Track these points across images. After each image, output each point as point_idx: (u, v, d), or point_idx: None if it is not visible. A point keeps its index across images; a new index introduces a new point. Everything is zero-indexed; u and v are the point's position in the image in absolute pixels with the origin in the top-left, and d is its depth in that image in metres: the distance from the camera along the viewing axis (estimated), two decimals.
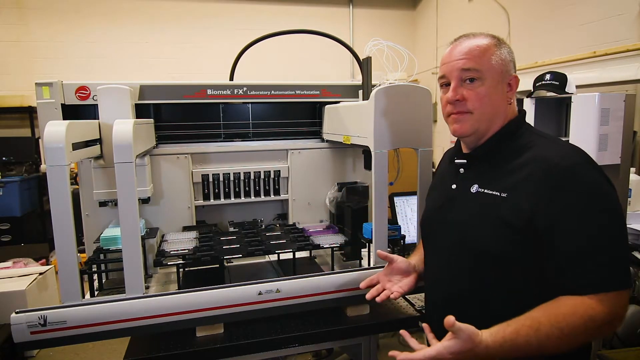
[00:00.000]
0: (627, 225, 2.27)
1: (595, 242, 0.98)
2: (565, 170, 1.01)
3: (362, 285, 1.38)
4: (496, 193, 1.09)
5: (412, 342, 1.03)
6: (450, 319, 0.95)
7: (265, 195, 2.12)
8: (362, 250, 1.82)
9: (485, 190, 1.12)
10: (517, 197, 1.04)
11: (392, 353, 1.00)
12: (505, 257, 1.07)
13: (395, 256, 1.37)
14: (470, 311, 1.10)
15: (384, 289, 1.33)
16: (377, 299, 1.29)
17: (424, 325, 1.15)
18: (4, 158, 4.94)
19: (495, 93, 1.12)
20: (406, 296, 1.66)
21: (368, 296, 1.32)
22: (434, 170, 1.50)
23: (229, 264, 1.77)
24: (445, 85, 1.18)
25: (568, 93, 1.78)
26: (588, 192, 1.00)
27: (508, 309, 1.00)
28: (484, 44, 1.12)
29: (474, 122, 1.14)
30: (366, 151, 1.99)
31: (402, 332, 1.10)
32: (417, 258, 1.42)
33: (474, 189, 1.15)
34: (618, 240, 1.00)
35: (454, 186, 1.22)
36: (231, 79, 2.32)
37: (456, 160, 1.23)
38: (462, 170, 1.22)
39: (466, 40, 1.15)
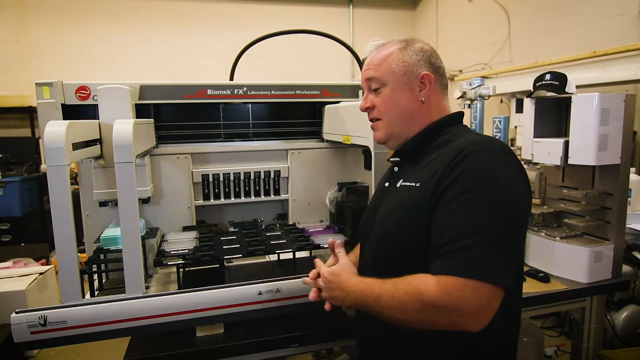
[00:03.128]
0: (627, 225, 2.28)
1: (460, 226, 0.95)
2: (467, 153, 1.00)
3: (311, 275, 1.27)
4: (412, 184, 1.11)
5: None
6: (338, 242, 1.26)
7: (265, 195, 2.12)
8: None
9: (406, 183, 1.14)
10: (426, 183, 1.06)
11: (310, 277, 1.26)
12: (416, 249, 1.05)
13: (342, 254, 1.28)
14: None
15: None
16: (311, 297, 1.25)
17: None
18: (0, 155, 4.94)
19: (402, 95, 1.15)
20: None
21: (312, 297, 1.25)
22: None
23: (229, 264, 1.77)
24: None
25: (568, 93, 1.78)
26: (478, 176, 0.97)
27: None
28: (385, 52, 1.17)
29: (385, 126, 1.19)
30: (366, 151, 1.99)
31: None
32: (353, 258, 1.35)
33: (399, 183, 1.17)
34: (489, 231, 0.93)
35: (386, 184, 1.25)
36: (231, 79, 2.32)
37: (389, 159, 1.28)
38: (396, 168, 1.25)
39: (374, 53, 1.20)
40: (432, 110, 1.18)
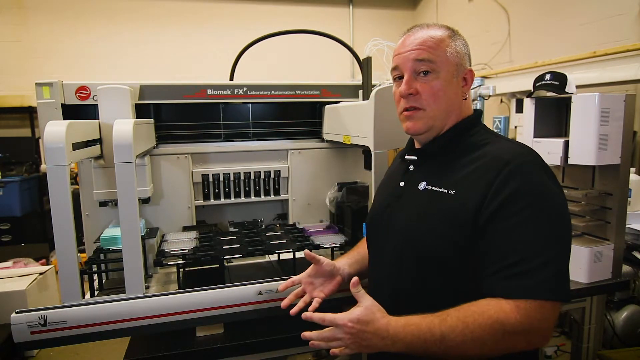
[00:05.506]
0: (627, 225, 2.28)
1: (526, 244, 0.93)
2: (514, 168, 0.97)
3: (281, 287, 1.31)
4: (444, 190, 1.04)
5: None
6: (355, 279, 1.03)
7: (265, 195, 2.12)
8: None
9: (433, 188, 1.06)
10: (465, 194, 1.00)
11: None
12: (447, 262, 1.01)
13: (322, 258, 1.27)
14: (417, 313, 1.00)
15: (304, 293, 1.27)
16: (292, 311, 1.20)
17: None
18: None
19: (450, 87, 1.07)
20: None
21: (284, 304, 1.24)
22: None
23: (229, 264, 1.77)
24: (398, 78, 1.12)
25: (568, 93, 1.78)
26: (533, 193, 0.95)
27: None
28: (439, 35, 1.07)
29: (427, 119, 1.08)
30: (366, 151, 1.99)
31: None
32: (346, 260, 1.34)
33: (422, 186, 1.09)
34: (555, 247, 0.93)
35: (402, 183, 1.16)
36: (231, 79, 2.32)
37: (406, 157, 1.19)
38: (411, 167, 1.17)
39: (420, 31, 1.09)
40: (466, 109, 1.13)
